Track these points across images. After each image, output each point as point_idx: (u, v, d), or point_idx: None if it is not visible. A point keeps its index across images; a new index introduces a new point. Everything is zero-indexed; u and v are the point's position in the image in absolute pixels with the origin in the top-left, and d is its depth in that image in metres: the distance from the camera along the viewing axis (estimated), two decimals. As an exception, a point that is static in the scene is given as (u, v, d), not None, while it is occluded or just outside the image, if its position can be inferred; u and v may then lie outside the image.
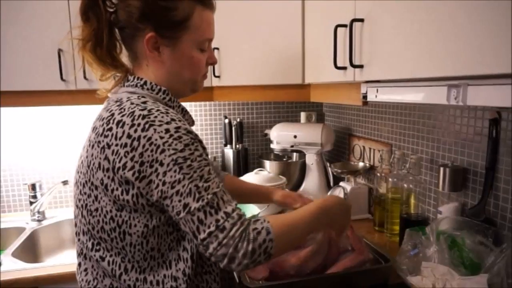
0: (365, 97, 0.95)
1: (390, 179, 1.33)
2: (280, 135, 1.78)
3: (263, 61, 1.41)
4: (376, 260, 1.11)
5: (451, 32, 0.62)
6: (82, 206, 0.79)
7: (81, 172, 0.80)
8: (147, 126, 0.69)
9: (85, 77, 1.36)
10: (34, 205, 1.62)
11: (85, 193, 0.78)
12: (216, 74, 1.50)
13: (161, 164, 0.69)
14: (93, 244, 0.79)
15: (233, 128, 1.87)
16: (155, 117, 0.70)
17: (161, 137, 0.69)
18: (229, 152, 1.88)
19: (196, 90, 0.89)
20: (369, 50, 0.87)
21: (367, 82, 0.95)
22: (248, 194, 1.16)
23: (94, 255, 0.79)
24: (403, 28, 0.75)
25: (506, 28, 0.51)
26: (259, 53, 1.42)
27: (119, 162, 0.71)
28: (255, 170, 1.64)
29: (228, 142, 1.90)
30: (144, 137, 0.69)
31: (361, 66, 0.90)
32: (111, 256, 0.78)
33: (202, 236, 0.69)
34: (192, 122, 0.90)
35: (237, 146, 1.89)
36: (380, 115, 1.51)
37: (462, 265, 0.97)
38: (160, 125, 0.70)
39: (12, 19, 1.31)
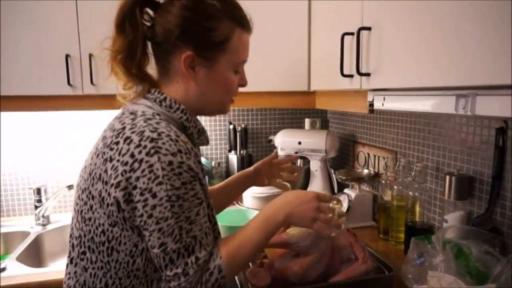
0: (371, 105, 0.95)
1: (395, 187, 1.33)
2: (285, 142, 1.78)
3: (269, 68, 1.42)
4: (380, 269, 1.11)
5: (458, 41, 0.63)
6: (78, 211, 0.79)
7: (82, 177, 0.79)
8: (152, 151, 0.68)
9: (92, 82, 1.37)
10: (39, 209, 1.63)
11: (82, 199, 0.77)
12: (222, 80, 1.51)
13: (154, 196, 0.68)
14: (78, 251, 0.78)
15: (238, 134, 1.87)
16: (163, 143, 0.69)
17: (163, 169, 0.68)
18: (233, 158, 1.88)
19: (224, 111, 0.87)
20: (376, 58, 0.88)
21: (373, 90, 0.95)
22: (234, 186, 1.14)
23: (80, 263, 0.78)
24: (410, 37, 0.75)
25: (515, 39, 0.51)
26: (265, 60, 1.42)
27: (114, 179, 0.70)
28: (259, 176, 1.64)
29: (232, 148, 1.90)
30: (147, 162, 0.68)
31: (368, 74, 0.90)
32: (93, 269, 0.76)
33: (167, 273, 0.72)
34: (207, 142, 0.88)
35: (242, 152, 1.89)
36: (385, 122, 1.51)
37: (469, 274, 0.96)
38: (165, 155, 0.68)
39: (20, 24, 1.32)
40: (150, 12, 0.78)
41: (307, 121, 1.98)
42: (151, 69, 0.82)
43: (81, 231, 0.77)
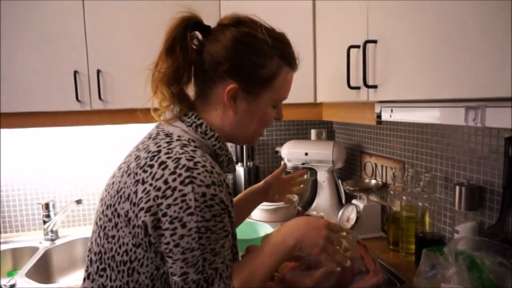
0: (379, 116, 0.95)
1: (404, 197, 1.32)
2: (291, 153, 1.78)
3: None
4: (391, 281, 1.09)
5: (467, 54, 0.63)
6: (100, 226, 0.77)
7: (109, 193, 0.78)
8: (187, 181, 0.67)
9: (100, 98, 1.38)
10: (47, 224, 1.63)
11: (106, 215, 0.76)
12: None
13: (183, 226, 0.67)
14: (98, 268, 0.77)
15: (245, 146, 1.88)
16: (198, 174, 0.68)
17: (196, 200, 0.67)
18: (240, 170, 1.88)
19: (253, 143, 0.88)
20: (383, 70, 0.88)
21: (381, 102, 0.95)
22: (245, 203, 1.14)
23: (98, 279, 0.77)
24: (418, 49, 0.76)
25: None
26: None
27: (145, 203, 0.69)
28: (267, 188, 1.64)
29: (239, 160, 1.90)
30: (180, 191, 0.67)
31: (375, 87, 0.91)
32: (111, 287, 0.75)
33: None
34: (233, 170, 0.87)
35: (249, 163, 1.89)
36: (392, 133, 1.51)
37: (482, 286, 0.95)
38: (199, 186, 0.67)
39: (29, 41, 1.35)
40: (199, 36, 0.77)
41: (313, 132, 1.98)
42: (190, 90, 0.81)
43: (102, 248, 0.76)
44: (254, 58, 0.74)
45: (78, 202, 1.63)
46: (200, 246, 0.68)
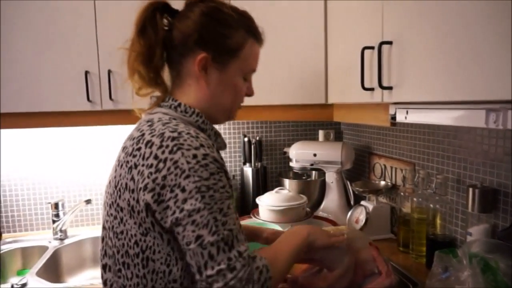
0: (393, 118, 0.95)
1: (415, 199, 1.32)
2: (300, 154, 1.78)
3: (285, 81, 1.43)
4: (403, 283, 1.09)
5: (488, 55, 0.63)
6: (109, 227, 0.78)
7: (108, 193, 0.79)
8: (175, 148, 0.69)
9: (110, 98, 1.39)
10: (56, 223, 1.64)
11: (111, 215, 0.77)
12: (239, 94, 1.52)
13: (183, 190, 0.67)
14: (114, 270, 0.77)
15: (253, 147, 1.88)
16: (185, 140, 0.70)
17: (188, 162, 0.68)
18: (248, 170, 1.88)
19: (231, 118, 0.90)
20: (399, 72, 0.88)
21: (395, 103, 0.95)
22: (250, 237, 1.08)
23: (117, 282, 0.77)
24: (435, 50, 0.75)
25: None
26: (282, 73, 1.43)
27: (142, 182, 0.70)
28: (276, 189, 1.64)
29: (247, 160, 1.90)
30: (171, 159, 0.68)
31: (390, 88, 0.90)
32: (130, 286, 0.74)
33: (209, 272, 0.66)
34: (224, 145, 0.89)
35: (256, 164, 1.89)
36: (402, 134, 1.51)
37: (497, 289, 0.94)
38: (188, 149, 0.69)
39: (41, 42, 1.35)
40: (168, 17, 0.82)
41: (321, 133, 1.98)
42: (167, 80, 0.85)
43: (115, 248, 0.76)
44: (221, 29, 0.79)
45: (88, 202, 1.63)
46: (206, 205, 0.67)
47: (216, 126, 0.87)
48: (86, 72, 1.37)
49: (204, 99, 0.82)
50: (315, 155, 1.74)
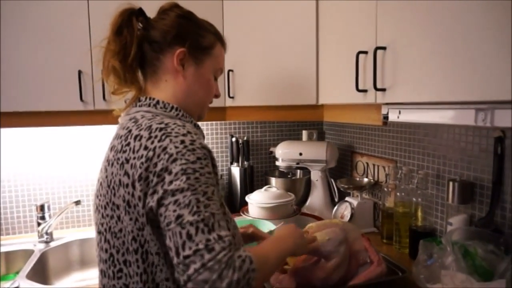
0: (386, 117, 1.02)
1: (398, 194, 1.41)
2: (286, 153, 1.84)
3: (276, 83, 1.48)
4: (392, 271, 1.17)
5: (477, 59, 0.71)
6: (105, 230, 0.78)
7: (101, 195, 0.80)
8: (163, 137, 0.72)
9: (104, 98, 1.38)
10: (42, 226, 1.60)
11: (107, 215, 0.77)
12: (231, 95, 1.56)
13: (170, 173, 0.69)
14: (113, 272, 0.77)
15: (240, 146, 1.92)
16: (172, 129, 0.74)
17: (176, 147, 0.70)
18: (235, 170, 1.92)
19: (201, 116, 0.95)
20: (392, 75, 0.96)
21: (387, 103, 1.03)
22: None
23: (118, 283, 0.77)
24: (428, 55, 0.84)
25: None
26: (273, 74, 1.49)
27: (136, 174, 0.71)
28: (265, 187, 1.69)
29: (234, 160, 1.94)
30: (160, 147, 0.71)
31: (383, 90, 0.98)
32: (133, 283, 0.75)
33: (186, 252, 0.63)
34: (202, 137, 0.90)
35: (244, 164, 1.94)
36: (384, 133, 1.61)
37: (476, 273, 1.04)
38: (176, 136, 0.72)
39: (34, 41, 1.33)
40: (144, 21, 0.87)
41: (304, 133, 2.05)
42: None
43: (113, 249, 0.77)
44: (196, 29, 0.88)
45: (77, 203, 1.61)
46: (190, 186, 0.67)
47: (203, 126, 0.91)
48: (79, 72, 1.36)
49: (181, 93, 0.87)
50: (300, 154, 1.81)
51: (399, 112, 0.96)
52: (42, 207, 1.61)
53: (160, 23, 0.86)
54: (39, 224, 1.61)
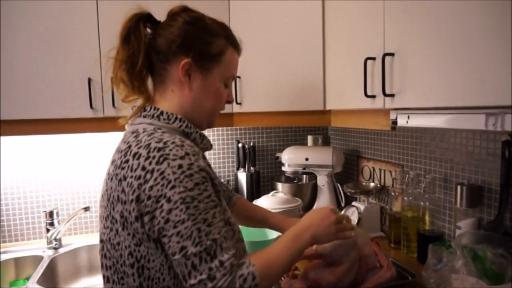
0: (394, 122, 1.04)
1: (405, 198, 1.42)
2: (292, 158, 1.85)
3: (284, 89, 1.50)
4: (402, 275, 1.18)
5: (487, 64, 0.72)
6: (106, 240, 0.80)
7: (103, 206, 0.82)
8: (161, 159, 0.71)
9: (113, 105, 1.40)
10: (51, 232, 1.61)
11: (107, 227, 0.79)
12: (238, 101, 1.57)
13: (168, 201, 0.70)
14: (118, 279, 0.79)
15: (247, 152, 1.93)
16: (170, 150, 0.72)
17: (174, 173, 0.70)
18: (242, 175, 1.93)
19: (212, 124, 0.93)
20: (400, 80, 0.97)
21: (396, 109, 1.04)
22: (260, 220, 1.16)
23: None
24: (435, 61, 0.85)
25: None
26: (280, 80, 1.51)
27: (132, 194, 0.72)
28: (272, 193, 1.70)
29: (241, 165, 1.95)
30: (158, 170, 0.71)
31: (392, 95, 0.99)
32: None
33: (191, 281, 0.70)
34: (210, 146, 0.92)
35: (250, 169, 1.95)
36: (390, 138, 1.62)
37: (485, 276, 1.04)
38: (174, 160, 0.71)
39: (44, 49, 1.35)
40: (151, 27, 0.86)
41: (309, 138, 2.07)
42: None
43: (114, 259, 0.79)
44: (203, 35, 0.84)
45: (86, 209, 1.62)
46: (190, 216, 0.70)
47: (210, 131, 0.91)
48: (89, 80, 1.38)
49: (187, 104, 0.85)
50: (307, 159, 1.82)
51: (408, 117, 0.97)
52: (51, 214, 1.63)
53: (166, 31, 0.83)
54: (48, 230, 1.62)
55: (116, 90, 0.86)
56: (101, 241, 0.82)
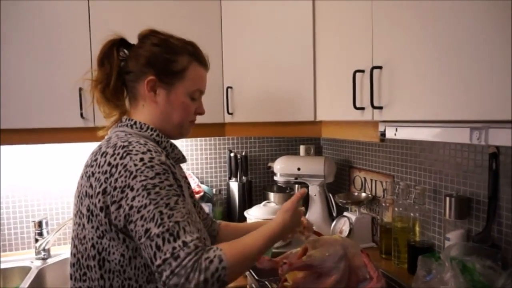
0: (383, 134, 1.04)
1: (396, 209, 1.42)
2: (284, 168, 1.85)
3: (275, 99, 1.51)
4: (392, 287, 1.18)
5: (471, 80, 0.74)
6: (75, 236, 0.86)
7: (74, 204, 0.88)
8: (125, 154, 0.79)
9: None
10: (39, 242, 1.59)
11: (76, 223, 0.85)
12: (230, 111, 1.58)
13: (132, 189, 0.76)
14: (80, 275, 0.84)
15: (239, 161, 1.93)
16: (133, 147, 0.81)
17: (135, 165, 0.78)
18: (234, 185, 1.93)
19: (183, 134, 0.99)
20: (388, 93, 0.98)
21: (384, 121, 1.05)
22: (248, 232, 1.18)
23: (83, 285, 0.83)
24: (423, 75, 0.86)
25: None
26: (271, 91, 1.52)
27: (99, 187, 0.79)
28: (263, 202, 1.70)
29: (233, 175, 1.95)
30: (121, 164, 0.78)
31: (380, 108, 1.00)
32: (94, 287, 0.82)
33: (157, 262, 0.73)
34: (182, 158, 0.98)
35: (242, 179, 1.95)
36: (381, 149, 1.63)
37: (474, 288, 1.05)
38: (136, 154, 0.79)
39: (35, 59, 1.35)
40: (125, 50, 0.96)
41: (302, 148, 2.07)
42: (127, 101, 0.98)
43: (79, 254, 0.84)
44: (166, 55, 0.92)
45: (75, 219, 1.60)
46: (152, 200, 0.75)
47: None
48: (80, 89, 1.38)
49: (156, 116, 0.93)
50: (299, 169, 1.82)
51: (396, 130, 0.98)
52: (40, 224, 1.61)
53: (135, 53, 0.93)
54: (36, 240, 1.60)
55: (98, 106, 0.95)
56: (72, 239, 0.88)
